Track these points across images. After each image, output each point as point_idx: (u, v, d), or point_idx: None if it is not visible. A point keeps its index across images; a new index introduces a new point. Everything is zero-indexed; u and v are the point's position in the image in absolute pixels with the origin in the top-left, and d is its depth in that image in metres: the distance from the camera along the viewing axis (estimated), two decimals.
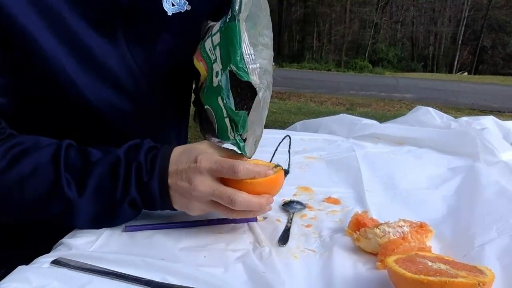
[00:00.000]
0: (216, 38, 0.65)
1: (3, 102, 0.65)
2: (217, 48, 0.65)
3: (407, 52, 26.24)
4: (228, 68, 0.61)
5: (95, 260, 0.55)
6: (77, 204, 0.60)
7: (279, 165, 0.65)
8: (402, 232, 0.59)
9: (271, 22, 0.68)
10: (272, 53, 0.67)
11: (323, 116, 1.36)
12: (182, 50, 0.77)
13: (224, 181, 0.61)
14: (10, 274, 0.52)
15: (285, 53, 26.23)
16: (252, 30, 0.63)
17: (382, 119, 0.92)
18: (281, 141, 0.71)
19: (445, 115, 1.28)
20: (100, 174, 0.60)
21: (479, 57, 24.71)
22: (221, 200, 0.60)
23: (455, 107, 7.97)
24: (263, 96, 0.62)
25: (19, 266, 0.53)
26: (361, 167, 0.94)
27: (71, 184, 0.60)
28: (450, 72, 24.12)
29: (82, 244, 0.60)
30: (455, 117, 1.30)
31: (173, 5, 0.74)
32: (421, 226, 0.62)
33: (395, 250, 0.56)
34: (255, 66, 0.61)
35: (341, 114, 1.33)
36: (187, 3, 0.76)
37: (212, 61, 0.66)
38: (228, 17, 0.62)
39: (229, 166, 0.60)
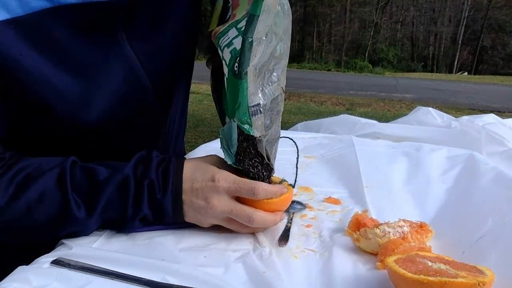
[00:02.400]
0: (227, 54, 0.61)
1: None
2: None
3: (407, 52, 26.26)
4: (232, 119, 0.61)
5: (95, 260, 0.55)
6: (87, 223, 0.60)
7: (285, 180, 0.68)
8: (402, 232, 0.59)
9: (291, 23, 0.66)
10: (287, 60, 0.66)
11: (323, 116, 1.36)
12: (180, 49, 0.76)
13: (240, 199, 0.62)
14: (10, 274, 0.52)
15: None
16: (269, 41, 0.60)
17: (382, 119, 0.92)
18: (297, 157, 0.72)
19: (445, 114, 1.28)
20: (108, 194, 0.60)
21: (479, 57, 24.72)
22: (239, 218, 0.62)
23: (455, 107, 7.97)
24: (268, 141, 0.63)
25: (19, 266, 0.53)
26: (360, 162, 0.94)
27: (80, 205, 0.59)
28: (450, 72, 24.13)
29: (83, 244, 0.60)
30: (455, 117, 1.30)
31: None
32: (421, 226, 0.62)
33: (395, 250, 0.56)
34: (259, 116, 0.61)
35: (342, 115, 1.33)
36: None
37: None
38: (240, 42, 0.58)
39: (249, 188, 0.61)
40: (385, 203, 0.77)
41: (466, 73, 22.40)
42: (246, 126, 0.60)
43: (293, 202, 0.76)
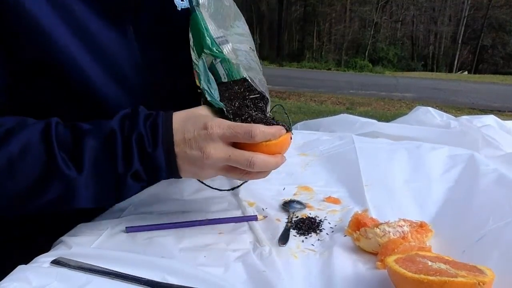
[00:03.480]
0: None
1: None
2: (190, 39, 0.66)
3: (407, 51, 26.23)
4: (203, 54, 0.62)
5: (95, 259, 0.55)
6: (78, 183, 0.56)
7: (284, 124, 0.63)
8: (402, 231, 0.59)
9: (240, 13, 0.71)
10: (252, 41, 0.70)
11: (323, 116, 1.36)
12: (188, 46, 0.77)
13: (236, 145, 0.59)
14: (10, 274, 0.52)
15: (285, 52, 26.22)
16: (221, 22, 0.66)
17: (382, 118, 0.92)
18: (272, 108, 0.70)
19: (445, 114, 1.28)
20: (93, 146, 0.57)
21: (479, 56, 24.70)
22: (238, 164, 0.58)
23: (455, 107, 7.96)
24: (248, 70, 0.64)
25: (19, 266, 0.53)
26: (360, 160, 0.94)
27: (67, 161, 0.56)
28: (450, 71, 24.11)
29: (82, 243, 0.60)
30: (455, 117, 1.30)
31: (182, 0, 0.75)
32: (421, 225, 0.62)
33: (395, 250, 0.56)
34: (229, 46, 0.63)
35: (342, 114, 1.33)
36: None
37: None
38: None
39: (245, 131, 0.58)
40: (385, 203, 0.76)
41: (466, 72, 22.37)
42: (216, 51, 0.62)
43: (293, 201, 0.76)
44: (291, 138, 0.63)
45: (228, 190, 0.78)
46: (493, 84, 13.59)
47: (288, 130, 0.62)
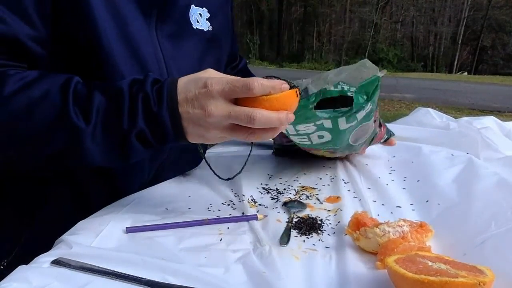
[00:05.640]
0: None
1: (40, 52, 0.65)
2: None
3: (407, 52, 26.25)
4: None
5: (95, 259, 0.55)
6: (84, 134, 0.58)
7: (290, 82, 0.62)
8: (402, 231, 0.59)
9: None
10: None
11: None
12: (199, 65, 0.80)
13: (238, 102, 0.59)
14: (10, 274, 0.52)
15: (285, 53, 26.24)
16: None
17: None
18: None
19: (444, 115, 1.28)
20: (101, 101, 0.59)
21: (479, 57, 24.71)
22: (239, 121, 0.58)
23: (455, 107, 7.96)
24: None
25: (19, 266, 0.53)
26: (360, 160, 0.94)
27: (78, 113, 0.58)
28: (450, 72, 24.11)
29: (82, 243, 0.60)
30: (455, 117, 1.30)
31: (197, 22, 0.80)
32: (421, 225, 0.62)
33: (395, 250, 0.56)
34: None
35: None
36: (209, 24, 0.82)
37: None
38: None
39: (243, 84, 0.57)
40: (385, 203, 0.77)
41: (466, 73, 22.37)
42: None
43: (293, 202, 0.76)
44: (297, 96, 0.61)
45: (227, 179, 0.80)
46: (493, 84, 13.59)
47: (294, 87, 0.61)
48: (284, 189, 0.83)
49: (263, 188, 0.83)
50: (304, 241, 0.64)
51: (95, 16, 0.64)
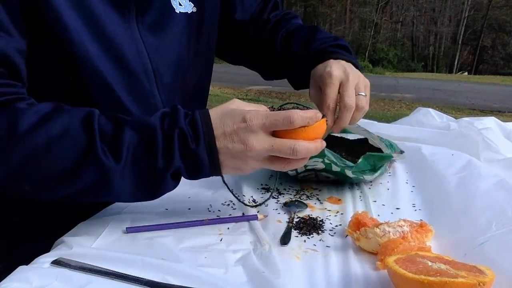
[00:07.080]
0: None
1: (22, 63, 0.63)
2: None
3: (407, 52, 26.25)
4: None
5: (96, 259, 0.55)
6: (114, 172, 0.56)
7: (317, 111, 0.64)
8: (402, 231, 0.59)
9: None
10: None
11: None
12: (187, 50, 0.78)
13: (276, 134, 0.59)
14: (10, 274, 0.52)
15: None
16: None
17: (382, 119, 0.92)
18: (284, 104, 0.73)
19: (445, 115, 1.28)
20: (132, 138, 0.57)
21: (479, 57, 24.72)
22: (281, 153, 0.58)
23: (455, 107, 7.96)
24: None
25: (20, 266, 0.54)
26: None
27: (106, 150, 0.56)
28: (450, 72, 24.12)
29: (83, 243, 0.60)
30: (455, 117, 1.30)
31: (180, 4, 0.77)
32: (421, 225, 0.62)
33: (395, 250, 0.56)
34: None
35: None
36: (193, 5, 0.79)
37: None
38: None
39: (284, 117, 0.58)
40: (385, 203, 0.77)
41: (466, 73, 22.37)
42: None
43: (294, 202, 0.76)
44: (326, 124, 0.64)
45: (254, 206, 0.75)
46: (493, 84, 13.59)
47: (323, 116, 0.62)
48: (285, 189, 0.83)
49: (263, 188, 0.83)
50: (304, 241, 0.64)
51: (63, 19, 0.62)
